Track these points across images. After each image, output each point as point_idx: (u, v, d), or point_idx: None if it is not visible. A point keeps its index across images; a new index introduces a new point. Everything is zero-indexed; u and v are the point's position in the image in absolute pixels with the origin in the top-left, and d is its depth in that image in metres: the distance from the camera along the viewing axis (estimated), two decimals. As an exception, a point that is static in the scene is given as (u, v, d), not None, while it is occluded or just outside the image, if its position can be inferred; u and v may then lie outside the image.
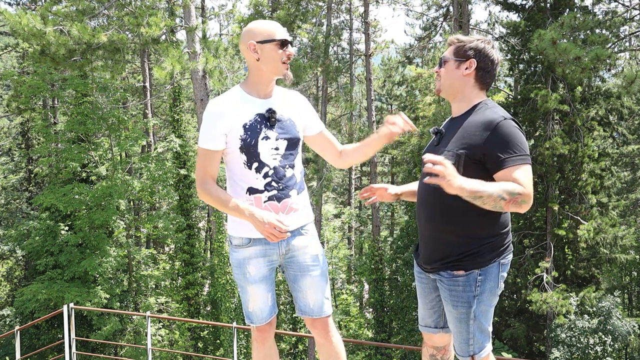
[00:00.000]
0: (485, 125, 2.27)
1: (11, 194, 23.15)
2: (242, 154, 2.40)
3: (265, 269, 2.50)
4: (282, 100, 2.50)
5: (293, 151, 2.47)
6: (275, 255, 2.49)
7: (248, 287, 2.50)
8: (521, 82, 15.89)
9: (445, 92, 2.50)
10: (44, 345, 14.33)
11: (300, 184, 2.52)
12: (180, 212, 15.73)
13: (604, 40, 9.95)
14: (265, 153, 2.40)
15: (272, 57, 2.38)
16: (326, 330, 2.60)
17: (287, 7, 15.56)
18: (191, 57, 13.27)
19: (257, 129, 2.39)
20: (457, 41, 2.46)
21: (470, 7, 17.98)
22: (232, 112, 2.40)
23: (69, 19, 11.12)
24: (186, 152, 15.98)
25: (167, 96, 20.56)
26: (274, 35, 2.37)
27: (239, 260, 2.50)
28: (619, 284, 21.39)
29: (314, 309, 2.57)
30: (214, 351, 15.07)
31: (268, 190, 2.41)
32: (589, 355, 12.92)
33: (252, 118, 2.40)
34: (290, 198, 2.45)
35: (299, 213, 2.50)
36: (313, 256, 2.53)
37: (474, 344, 2.41)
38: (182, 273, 15.65)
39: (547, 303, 12.77)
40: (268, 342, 2.64)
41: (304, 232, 2.53)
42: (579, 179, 14.48)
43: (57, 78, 14.77)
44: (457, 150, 2.28)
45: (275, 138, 2.41)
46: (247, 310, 2.56)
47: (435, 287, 2.54)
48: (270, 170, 2.41)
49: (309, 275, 2.53)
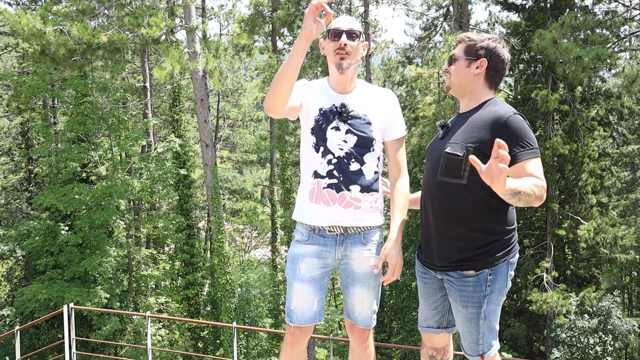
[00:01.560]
0: (495, 120, 2.27)
1: (11, 194, 23.14)
2: (312, 135, 2.43)
3: (317, 271, 2.47)
4: (365, 98, 2.48)
5: (364, 149, 2.42)
6: (331, 258, 2.47)
7: (295, 283, 2.48)
8: (521, 82, 15.88)
9: (454, 89, 2.49)
10: (44, 345, 14.33)
11: (370, 184, 2.44)
12: (180, 212, 15.72)
13: (604, 40, 9.95)
14: (332, 141, 2.41)
15: (328, 49, 2.41)
16: (362, 339, 2.61)
17: (287, 7, 15.55)
18: (191, 57, 13.27)
19: (329, 117, 2.42)
20: (467, 39, 2.44)
21: (470, 7, 17.99)
22: (315, 93, 2.46)
23: (69, 19, 11.12)
24: (186, 152, 15.97)
25: (167, 96, 20.55)
26: (329, 27, 2.39)
27: (294, 255, 2.49)
28: (619, 284, 21.39)
29: (358, 319, 2.57)
30: (214, 351, 15.06)
31: (329, 177, 2.40)
32: (589, 355, 12.92)
33: (328, 106, 2.44)
34: (350, 192, 2.40)
35: (361, 212, 2.43)
36: (369, 269, 2.48)
37: (484, 343, 2.40)
38: (182, 273, 15.64)
39: (547, 303, 12.77)
40: (297, 348, 2.57)
41: (366, 241, 2.47)
42: (579, 179, 14.47)
43: (57, 78, 14.76)
44: (466, 144, 2.26)
45: (345, 131, 2.41)
46: (289, 307, 2.53)
47: (440, 287, 2.51)
48: (334, 159, 2.40)
49: (360, 286, 2.51)
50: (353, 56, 2.39)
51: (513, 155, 2.17)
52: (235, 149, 29.17)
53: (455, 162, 2.25)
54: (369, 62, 16.16)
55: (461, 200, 2.29)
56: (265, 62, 15.97)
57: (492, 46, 2.39)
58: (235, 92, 26.11)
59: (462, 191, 2.26)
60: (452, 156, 2.26)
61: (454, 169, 2.26)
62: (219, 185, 14.46)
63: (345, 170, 2.40)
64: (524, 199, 2.06)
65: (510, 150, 2.13)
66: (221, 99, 25.83)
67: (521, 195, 2.05)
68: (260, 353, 15.03)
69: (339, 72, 2.39)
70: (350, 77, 2.44)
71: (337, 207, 2.39)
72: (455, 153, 2.25)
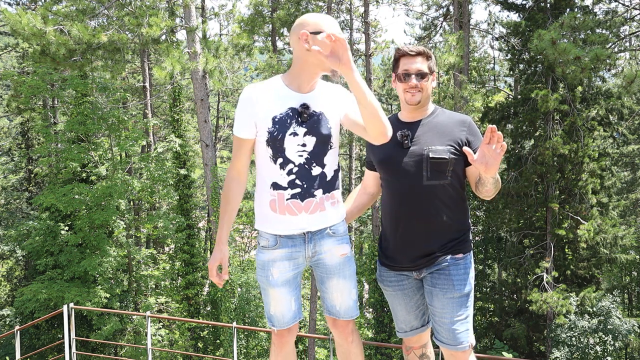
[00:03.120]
0: (461, 122, 2.51)
1: (11, 194, 23.15)
2: (268, 147, 2.32)
3: (289, 273, 2.44)
4: (322, 95, 2.38)
5: (323, 149, 2.35)
6: (302, 258, 2.44)
7: (270, 290, 2.45)
8: (521, 82, 15.88)
9: (422, 104, 2.55)
10: (44, 345, 14.33)
11: (330, 183, 2.40)
12: (180, 212, 15.72)
13: (604, 40, 9.96)
14: (290, 149, 2.31)
15: (313, 45, 2.23)
16: (346, 332, 2.58)
17: (287, 7, 15.56)
18: (191, 57, 13.27)
19: (286, 123, 2.30)
20: (427, 53, 2.54)
21: (470, 7, 17.98)
22: (265, 101, 2.31)
23: (69, 18, 11.12)
24: (186, 152, 15.98)
25: (167, 96, 20.56)
26: (325, 28, 2.26)
27: (264, 262, 2.44)
28: (619, 284, 21.39)
29: (340, 311, 2.54)
30: (214, 351, 15.07)
31: (292, 187, 2.33)
32: (589, 355, 12.92)
33: (284, 112, 2.31)
34: (314, 198, 2.36)
35: (326, 213, 2.40)
36: (340, 258, 2.46)
37: (469, 335, 2.50)
38: (182, 273, 15.64)
39: (547, 303, 12.77)
40: (286, 347, 2.57)
41: (332, 232, 2.45)
42: (579, 179, 14.47)
43: (57, 78, 14.75)
44: (446, 146, 2.45)
45: (303, 134, 2.31)
46: (269, 312, 2.51)
47: (419, 287, 2.60)
48: (295, 167, 2.32)
49: (336, 277, 2.48)
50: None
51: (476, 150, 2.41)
52: (235, 149, 29.13)
53: (441, 165, 2.43)
54: (369, 62, 16.16)
55: (446, 197, 2.48)
56: (265, 62, 15.97)
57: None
58: (235, 92, 26.12)
59: (447, 189, 2.47)
60: (439, 160, 2.42)
61: (439, 171, 2.44)
62: (219, 185, 14.46)
63: (307, 177, 2.34)
64: (497, 186, 2.37)
65: (476, 148, 2.43)
66: (221, 99, 25.84)
67: (497, 183, 2.36)
68: (260, 353, 15.04)
69: (331, 76, 2.31)
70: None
71: (303, 215, 2.36)
72: (441, 157, 2.42)
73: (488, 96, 16.96)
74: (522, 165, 14.54)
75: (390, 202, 2.56)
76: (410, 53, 2.49)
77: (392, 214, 2.55)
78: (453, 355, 2.50)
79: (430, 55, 2.52)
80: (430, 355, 2.79)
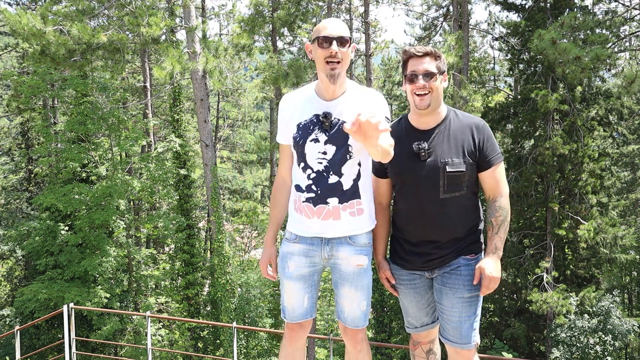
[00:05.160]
0: (473, 128, 2.49)
1: (11, 194, 23.13)
2: (294, 151, 2.44)
3: (305, 269, 2.50)
4: (348, 102, 2.38)
5: (342, 158, 2.36)
6: (318, 257, 2.49)
7: (284, 281, 2.54)
8: (521, 82, 15.88)
9: (432, 107, 2.46)
10: (44, 345, 14.33)
11: (347, 194, 2.40)
12: (180, 212, 15.72)
13: (604, 40, 9.96)
14: (311, 155, 2.37)
15: (316, 55, 2.33)
16: (355, 341, 2.60)
17: (287, 7, 15.54)
18: (191, 57, 13.28)
19: (308, 130, 2.37)
20: (436, 53, 2.45)
21: (470, 7, 17.99)
22: (294, 108, 2.43)
23: (69, 19, 11.12)
24: (186, 152, 15.97)
25: (167, 96, 20.55)
26: (318, 33, 2.30)
27: (283, 253, 2.54)
28: (619, 283, 21.39)
29: (347, 319, 2.57)
30: (214, 351, 15.07)
31: (308, 192, 2.41)
32: (589, 355, 12.92)
33: (308, 118, 2.39)
34: (327, 205, 2.38)
35: (342, 222, 2.41)
36: (356, 268, 2.48)
37: (476, 333, 2.52)
38: (182, 273, 15.64)
39: (547, 303, 12.77)
40: (296, 343, 2.60)
41: (352, 242, 2.46)
42: (579, 179, 14.47)
43: (57, 78, 14.75)
44: (463, 159, 2.44)
45: (324, 142, 2.35)
46: (283, 303, 2.60)
47: (430, 286, 2.63)
48: (313, 173, 2.39)
49: (348, 285, 2.51)
50: (344, 63, 2.32)
51: (488, 160, 2.46)
52: (235, 149, 29.18)
53: (458, 178, 2.43)
54: (369, 62, 16.15)
55: (461, 208, 2.49)
56: (265, 62, 15.95)
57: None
58: (235, 92, 26.11)
59: (462, 200, 2.48)
60: (456, 173, 2.41)
61: (456, 184, 2.44)
62: (219, 185, 14.47)
63: (323, 184, 2.38)
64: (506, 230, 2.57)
65: (487, 155, 2.46)
66: (221, 99, 25.82)
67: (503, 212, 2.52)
68: (260, 353, 15.03)
69: (330, 82, 2.32)
70: (340, 83, 2.37)
71: (316, 219, 2.42)
72: (459, 170, 2.41)
73: (488, 96, 16.96)
74: (522, 165, 14.54)
75: (405, 211, 2.56)
76: (417, 54, 2.43)
77: (406, 223, 2.57)
78: (458, 353, 2.52)
79: (439, 55, 2.45)
80: (436, 352, 2.81)
